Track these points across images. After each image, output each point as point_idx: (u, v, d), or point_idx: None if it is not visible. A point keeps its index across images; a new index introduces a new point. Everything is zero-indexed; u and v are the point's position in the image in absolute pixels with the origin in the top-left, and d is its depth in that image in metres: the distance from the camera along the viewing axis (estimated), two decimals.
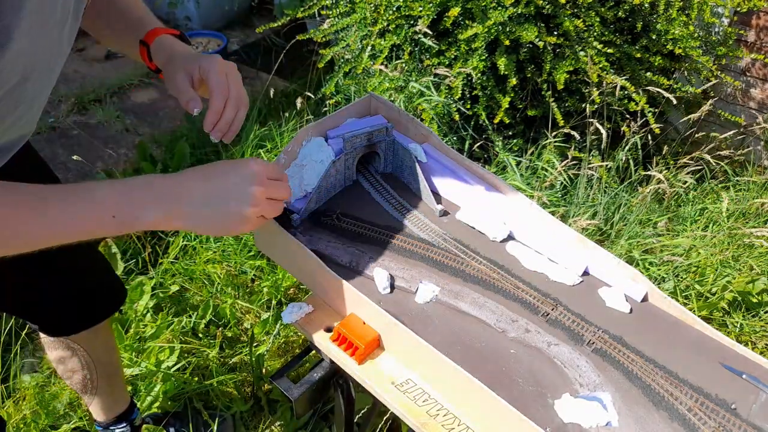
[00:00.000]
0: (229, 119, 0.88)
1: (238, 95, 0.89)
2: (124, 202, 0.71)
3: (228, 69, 0.89)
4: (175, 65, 0.90)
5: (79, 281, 1.20)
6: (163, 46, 0.94)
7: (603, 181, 2.25)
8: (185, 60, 0.90)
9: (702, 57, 2.24)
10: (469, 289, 0.92)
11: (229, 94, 0.88)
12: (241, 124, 0.90)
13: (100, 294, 1.27)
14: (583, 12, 2.14)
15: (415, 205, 1.05)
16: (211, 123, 0.88)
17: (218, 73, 0.87)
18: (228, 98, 0.87)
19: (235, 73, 0.90)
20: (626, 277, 0.95)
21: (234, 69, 0.91)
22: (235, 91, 0.88)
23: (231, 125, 0.88)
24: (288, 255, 0.97)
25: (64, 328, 1.23)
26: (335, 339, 0.88)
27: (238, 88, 0.89)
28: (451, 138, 2.37)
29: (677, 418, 0.77)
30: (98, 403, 1.44)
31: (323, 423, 1.70)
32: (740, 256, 2.16)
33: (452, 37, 2.25)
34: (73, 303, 1.21)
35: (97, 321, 1.26)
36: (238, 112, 0.89)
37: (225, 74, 0.88)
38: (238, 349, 1.88)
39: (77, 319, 1.23)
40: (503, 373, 0.81)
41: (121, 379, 1.47)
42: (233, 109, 0.88)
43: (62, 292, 1.17)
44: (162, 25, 0.97)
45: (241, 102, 0.89)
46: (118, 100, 3.15)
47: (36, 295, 1.15)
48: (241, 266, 2.08)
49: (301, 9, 2.49)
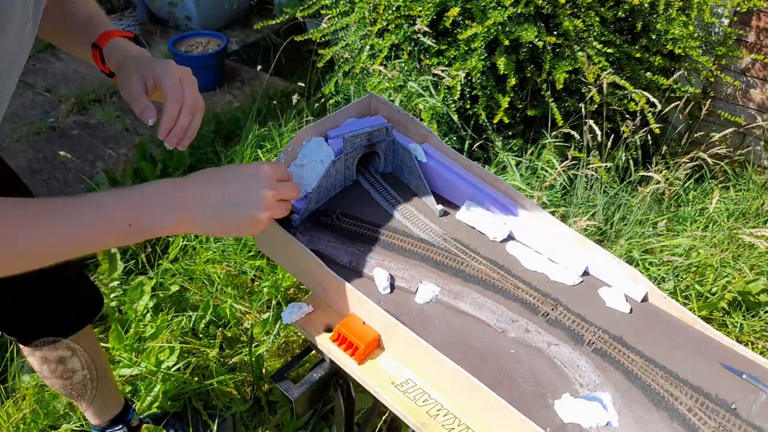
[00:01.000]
0: (183, 125, 0.86)
1: (194, 101, 0.87)
2: (140, 211, 0.71)
3: (183, 74, 0.87)
4: (129, 69, 0.88)
5: (56, 291, 1.19)
6: (117, 49, 0.91)
7: (602, 181, 2.25)
8: (139, 64, 0.88)
9: (702, 57, 2.24)
10: (469, 289, 0.92)
11: (184, 99, 0.86)
12: (196, 130, 0.88)
13: (76, 303, 1.26)
14: (582, 12, 2.14)
15: (415, 205, 1.05)
16: (165, 130, 0.86)
17: (173, 78, 0.85)
18: (183, 104, 0.86)
19: (190, 78, 0.88)
20: (626, 277, 0.95)
21: (189, 74, 0.89)
22: (190, 97, 0.86)
23: (186, 131, 0.87)
24: (288, 255, 0.97)
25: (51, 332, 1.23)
26: (335, 339, 0.88)
27: (194, 94, 0.87)
28: (450, 138, 2.37)
29: (677, 418, 0.77)
30: (91, 408, 1.44)
31: (323, 423, 1.70)
32: (740, 256, 2.16)
33: (452, 37, 2.25)
34: (52, 314, 1.20)
35: (75, 330, 1.25)
36: (193, 118, 0.87)
37: (179, 79, 0.86)
38: (238, 349, 1.88)
39: (56, 329, 1.23)
40: (503, 373, 0.81)
41: (111, 382, 1.46)
42: (188, 116, 0.86)
43: (42, 305, 1.16)
44: (115, 27, 0.95)
45: (197, 107, 0.88)
46: (118, 100, 3.15)
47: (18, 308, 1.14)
48: (241, 266, 2.08)
49: (301, 8, 2.49)
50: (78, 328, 1.27)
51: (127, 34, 0.94)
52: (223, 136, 2.78)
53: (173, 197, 0.73)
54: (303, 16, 2.57)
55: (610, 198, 2.26)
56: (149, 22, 3.75)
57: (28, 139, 2.82)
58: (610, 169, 2.31)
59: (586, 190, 2.25)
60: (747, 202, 2.42)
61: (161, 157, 2.60)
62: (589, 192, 2.25)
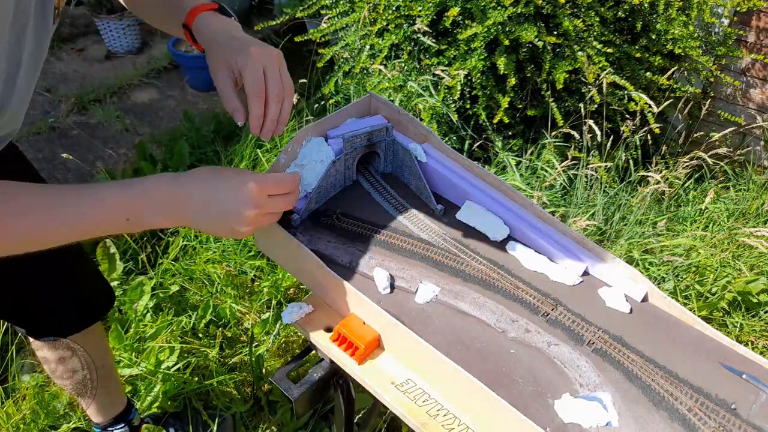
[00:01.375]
0: (273, 117, 0.85)
1: (277, 89, 0.84)
2: (137, 205, 0.74)
3: (266, 60, 0.84)
4: (216, 58, 0.87)
5: (69, 286, 1.20)
6: (202, 28, 0.89)
7: (602, 181, 2.25)
8: (224, 52, 0.86)
9: (702, 57, 2.24)
10: (469, 289, 0.92)
11: (268, 91, 0.84)
12: (288, 115, 0.87)
13: (89, 298, 1.27)
14: (582, 12, 2.14)
15: (415, 205, 1.05)
16: (255, 128, 0.86)
17: (253, 71, 0.83)
18: (268, 97, 0.84)
19: (274, 64, 0.85)
20: (626, 277, 0.95)
21: (273, 58, 0.85)
22: (274, 86, 0.84)
23: (278, 119, 0.86)
24: (288, 255, 0.97)
25: (51, 332, 1.23)
26: (335, 339, 0.88)
27: (276, 81, 0.84)
28: (450, 138, 2.37)
29: (677, 418, 0.77)
30: (95, 405, 1.44)
31: (323, 423, 1.70)
32: (740, 256, 2.16)
33: (451, 37, 2.25)
34: (61, 307, 1.21)
35: (85, 325, 1.26)
36: (282, 106, 0.85)
37: (261, 69, 0.84)
38: (238, 349, 1.88)
39: (66, 322, 1.23)
40: (503, 373, 0.81)
41: (116, 380, 1.47)
42: (275, 107, 0.85)
43: (51, 296, 1.17)
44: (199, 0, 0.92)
45: (285, 92, 0.85)
46: (118, 100, 3.15)
47: (25, 299, 1.15)
48: (241, 266, 2.08)
49: (301, 8, 2.49)
50: (89, 323, 1.27)
51: (211, 5, 0.91)
52: (223, 136, 2.78)
53: (170, 195, 0.75)
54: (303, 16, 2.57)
55: (610, 198, 2.26)
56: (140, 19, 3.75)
57: (28, 139, 2.81)
58: (610, 169, 2.31)
59: (586, 190, 2.25)
60: (747, 202, 2.42)
61: (161, 157, 2.60)
62: (588, 192, 2.25)
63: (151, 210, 0.74)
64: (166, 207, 0.75)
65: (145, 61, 3.45)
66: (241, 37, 0.88)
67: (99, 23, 3.37)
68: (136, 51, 3.53)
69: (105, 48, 3.51)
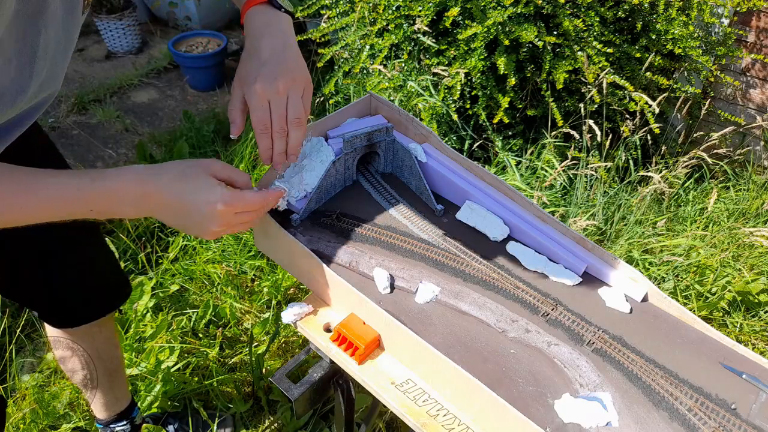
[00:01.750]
0: (280, 151, 0.86)
1: (280, 126, 0.85)
2: (103, 199, 0.75)
3: (271, 96, 0.84)
4: (237, 74, 0.87)
5: (86, 274, 1.21)
6: (247, 30, 0.89)
7: (602, 181, 2.25)
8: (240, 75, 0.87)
9: (702, 57, 2.24)
10: (469, 289, 0.92)
11: (272, 126, 0.85)
12: (298, 145, 0.87)
13: (105, 288, 1.28)
14: (582, 12, 2.14)
15: (415, 205, 1.05)
16: (266, 159, 0.87)
17: (257, 109, 0.84)
18: (272, 131, 0.85)
19: (277, 98, 0.84)
20: (626, 277, 0.95)
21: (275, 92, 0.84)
22: (277, 123, 0.85)
23: (287, 149, 0.87)
24: (288, 255, 0.97)
25: (67, 320, 1.24)
26: (335, 339, 0.88)
27: (279, 117, 0.85)
28: (450, 138, 2.37)
29: (677, 418, 0.77)
30: (99, 400, 1.45)
31: (323, 423, 1.70)
32: (740, 256, 2.16)
33: (451, 37, 2.25)
34: (78, 295, 1.22)
35: (100, 315, 1.27)
36: (289, 137, 0.86)
37: (266, 106, 0.84)
38: (238, 349, 1.88)
39: (81, 311, 1.24)
40: (503, 373, 0.81)
41: (122, 376, 1.47)
42: (280, 141, 0.86)
43: (69, 284, 1.18)
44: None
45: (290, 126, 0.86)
46: (118, 100, 3.15)
47: (43, 285, 1.16)
48: (240, 266, 2.08)
49: (301, 8, 2.49)
50: (104, 312, 1.28)
51: (260, 0, 0.90)
52: (223, 136, 2.78)
53: (137, 195, 0.76)
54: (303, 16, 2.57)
55: (610, 198, 2.26)
56: (149, 22, 3.75)
57: None
58: (610, 169, 2.32)
59: (586, 190, 2.26)
60: (747, 202, 2.42)
61: (161, 157, 2.61)
62: (588, 192, 2.25)
63: (117, 204, 0.76)
64: (134, 205, 0.77)
65: (145, 61, 3.46)
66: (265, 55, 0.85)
67: (99, 23, 3.37)
68: (136, 51, 3.53)
69: (105, 48, 3.51)
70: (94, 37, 3.60)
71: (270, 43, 0.86)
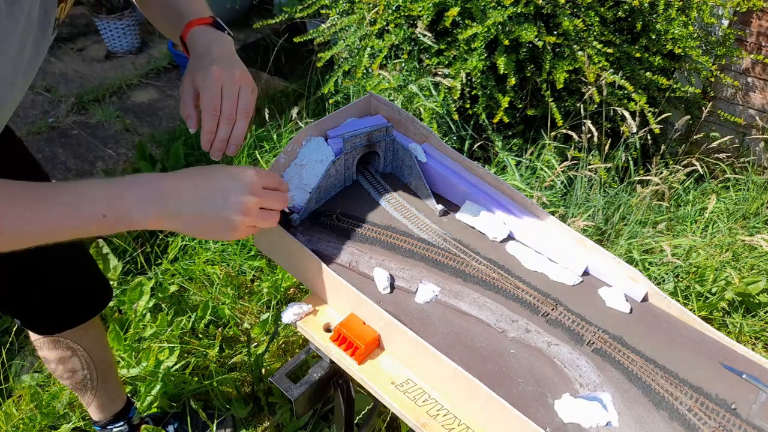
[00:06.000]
0: (223, 137, 0.85)
1: (229, 110, 0.85)
2: (115, 202, 0.71)
3: (225, 80, 0.85)
4: (187, 70, 0.88)
5: (68, 282, 1.21)
6: (191, 42, 0.91)
7: (602, 181, 2.25)
8: (192, 66, 0.88)
9: (702, 57, 2.24)
10: (469, 289, 0.92)
11: (221, 111, 0.85)
12: (242, 137, 0.87)
13: (87, 294, 1.27)
14: (582, 12, 2.14)
15: (415, 205, 1.05)
16: (206, 143, 0.86)
17: (210, 90, 0.84)
18: (220, 116, 0.85)
19: (233, 85, 0.85)
20: (626, 277, 0.95)
21: (233, 80, 0.86)
22: (228, 107, 0.85)
23: (230, 140, 0.86)
24: (288, 255, 0.97)
25: (50, 326, 1.24)
26: (335, 339, 0.88)
27: (231, 102, 0.85)
28: (450, 138, 2.37)
29: (677, 418, 0.77)
30: (94, 402, 1.44)
31: (323, 423, 1.70)
32: (740, 256, 2.16)
33: (451, 37, 2.25)
34: (60, 302, 1.21)
35: (82, 320, 1.27)
36: (234, 126, 0.86)
37: (218, 89, 0.85)
38: (237, 349, 1.88)
39: (64, 318, 1.24)
40: (503, 373, 0.81)
41: (115, 377, 1.47)
42: (226, 127, 0.85)
43: (51, 291, 1.18)
44: (198, 13, 0.94)
45: (241, 114, 0.86)
46: (118, 100, 3.15)
47: (26, 294, 1.16)
48: (240, 267, 2.08)
49: (300, 8, 2.49)
50: (87, 317, 1.27)
51: (204, 20, 0.93)
52: None
53: (153, 188, 0.73)
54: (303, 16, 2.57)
55: (610, 198, 2.26)
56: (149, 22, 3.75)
57: (27, 139, 2.81)
58: (609, 170, 2.31)
59: (586, 191, 2.25)
60: (747, 202, 2.42)
61: (160, 157, 2.60)
62: (588, 192, 2.25)
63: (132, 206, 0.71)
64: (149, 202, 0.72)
65: (145, 61, 3.45)
66: (216, 54, 0.88)
67: (99, 23, 3.37)
68: (136, 51, 3.53)
69: (105, 48, 3.51)
70: (93, 37, 3.60)
71: (220, 51, 0.89)
